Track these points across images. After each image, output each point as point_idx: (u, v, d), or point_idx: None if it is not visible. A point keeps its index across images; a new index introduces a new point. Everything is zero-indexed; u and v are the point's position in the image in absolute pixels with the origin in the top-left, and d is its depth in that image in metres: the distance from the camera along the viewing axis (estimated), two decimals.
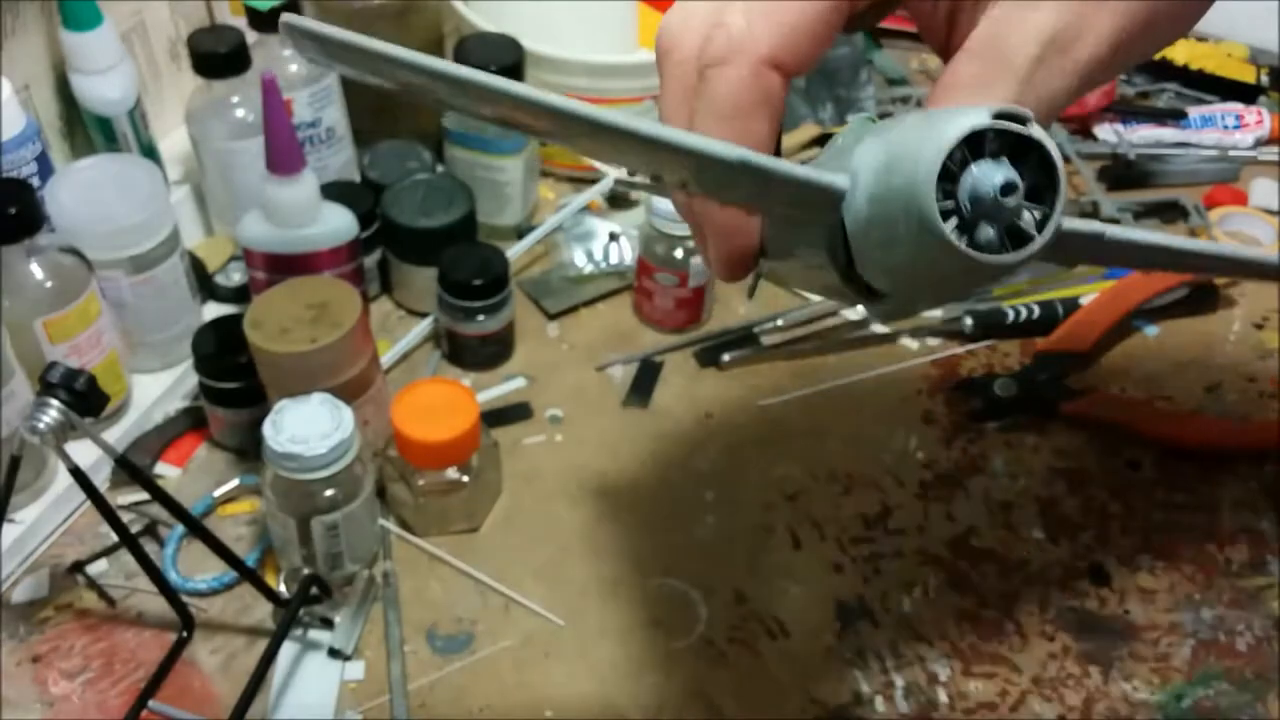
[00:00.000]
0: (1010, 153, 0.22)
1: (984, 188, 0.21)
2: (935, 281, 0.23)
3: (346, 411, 0.44)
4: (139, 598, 0.47)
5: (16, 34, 0.52)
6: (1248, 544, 0.50)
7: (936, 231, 0.21)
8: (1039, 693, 0.45)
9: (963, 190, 0.21)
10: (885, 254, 0.23)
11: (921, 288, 0.24)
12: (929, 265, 0.22)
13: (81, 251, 0.47)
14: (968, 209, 0.21)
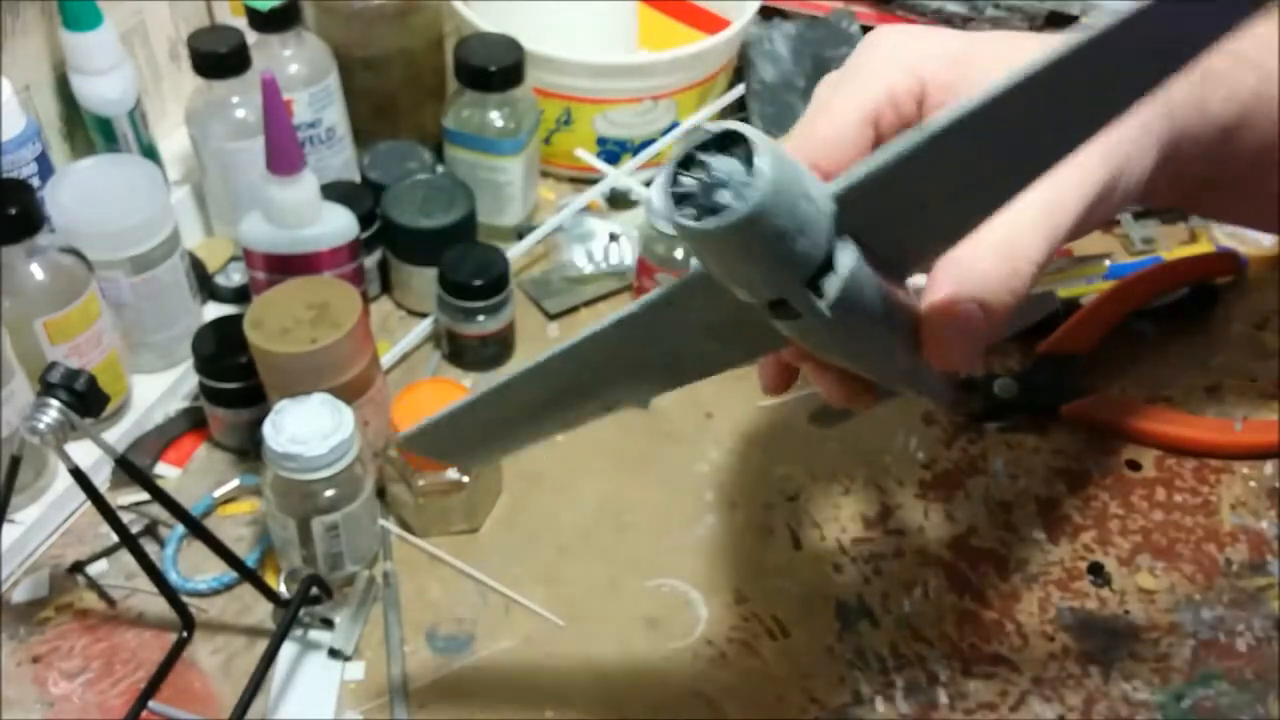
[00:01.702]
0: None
1: (680, 161, 0.23)
2: (742, 272, 0.24)
3: (347, 412, 0.44)
4: (139, 598, 0.47)
5: (17, 34, 0.52)
6: (1248, 544, 0.50)
7: (672, 221, 0.23)
8: (1039, 693, 0.45)
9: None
10: (717, 270, 0.25)
11: (748, 282, 0.25)
12: (711, 258, 0.24)
13: (82, 252, 0.47)
14: (691, 189, 0.23)
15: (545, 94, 0.63)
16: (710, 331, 0.29)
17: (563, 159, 0.67)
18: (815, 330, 0.26)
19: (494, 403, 0.33)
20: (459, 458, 0.39)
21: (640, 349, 0.30)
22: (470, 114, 0.60)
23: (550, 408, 0.33)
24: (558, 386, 0.32)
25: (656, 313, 0.29)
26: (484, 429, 0.35)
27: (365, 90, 0.62)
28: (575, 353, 0.31)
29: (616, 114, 0.65)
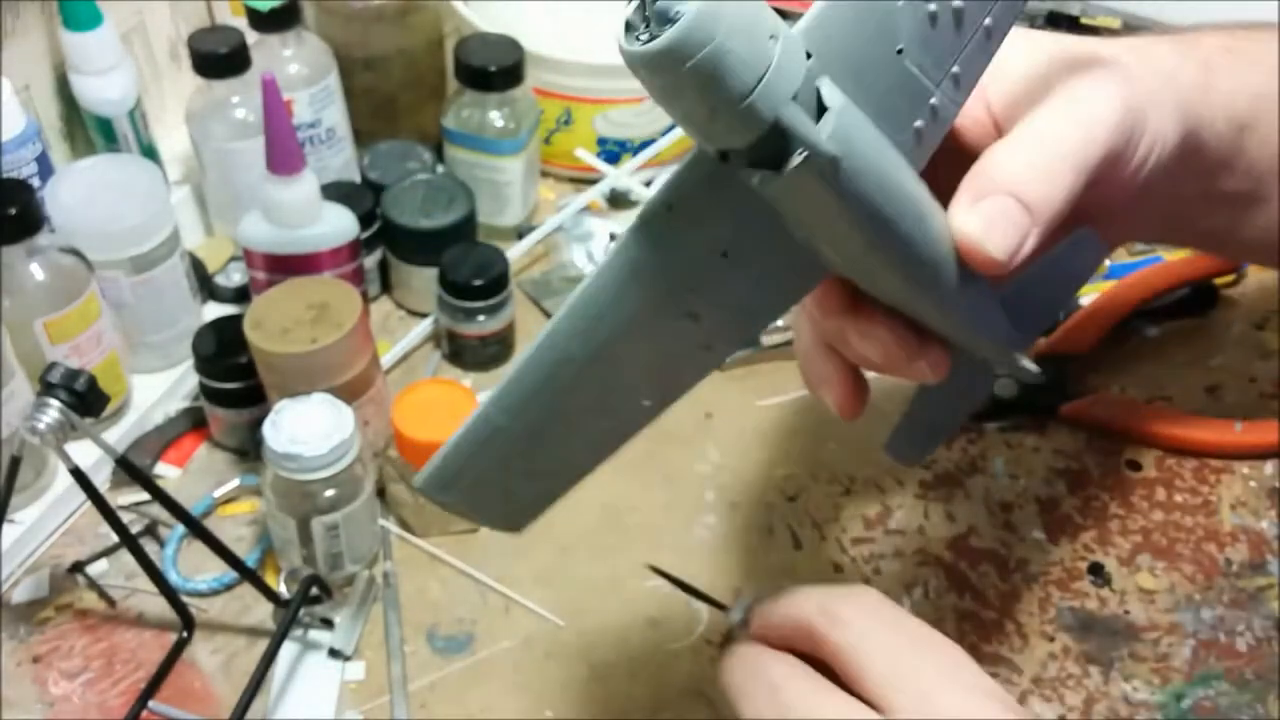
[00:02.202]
0: None
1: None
2: (688, 111, 0.24)
3: (347, 412, 0.44)
4: (139, 598, 0.47)
5: (17, 34, 0.52)
6: (1248, 544, 0.50)
7: (622, 51, 0.23)
8: (1039, 693, 0.45)
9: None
10: (690, 118, 0.24)
11: (689, 121, 0.24)
12: (658, 93, 0.24)
13: (82, 252, 0.47)
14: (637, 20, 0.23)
15: (545, 94, 0.63)
16: (727, 258, 0.27)
17: (563, 159, 0.67)
18: (826, 195, 0.24)
19: (510, 409, 0.28)
20: (491, 508, 0.32)
21: (652, 290, 0.27)
22: (470, 114, 0.60)
23: (578, 405, 0.29)
24: (576, 369, 0.28)
25: (659, 229, 0.26)
26: (510, 456, 0.30)
27: (365, 90, 0.63)
28: (582, 307, 0.27)
29: (616, 114, 0.65)
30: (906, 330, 0.30)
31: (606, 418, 0.30)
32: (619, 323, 0.27)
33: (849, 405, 0.33)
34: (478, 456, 0.29)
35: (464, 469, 0.30)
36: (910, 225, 0.27)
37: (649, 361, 0.29)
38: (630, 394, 0.29)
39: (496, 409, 0.29)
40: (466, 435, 0.29)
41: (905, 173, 0.27)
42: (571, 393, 0.28)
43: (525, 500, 0.32)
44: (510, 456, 0.30)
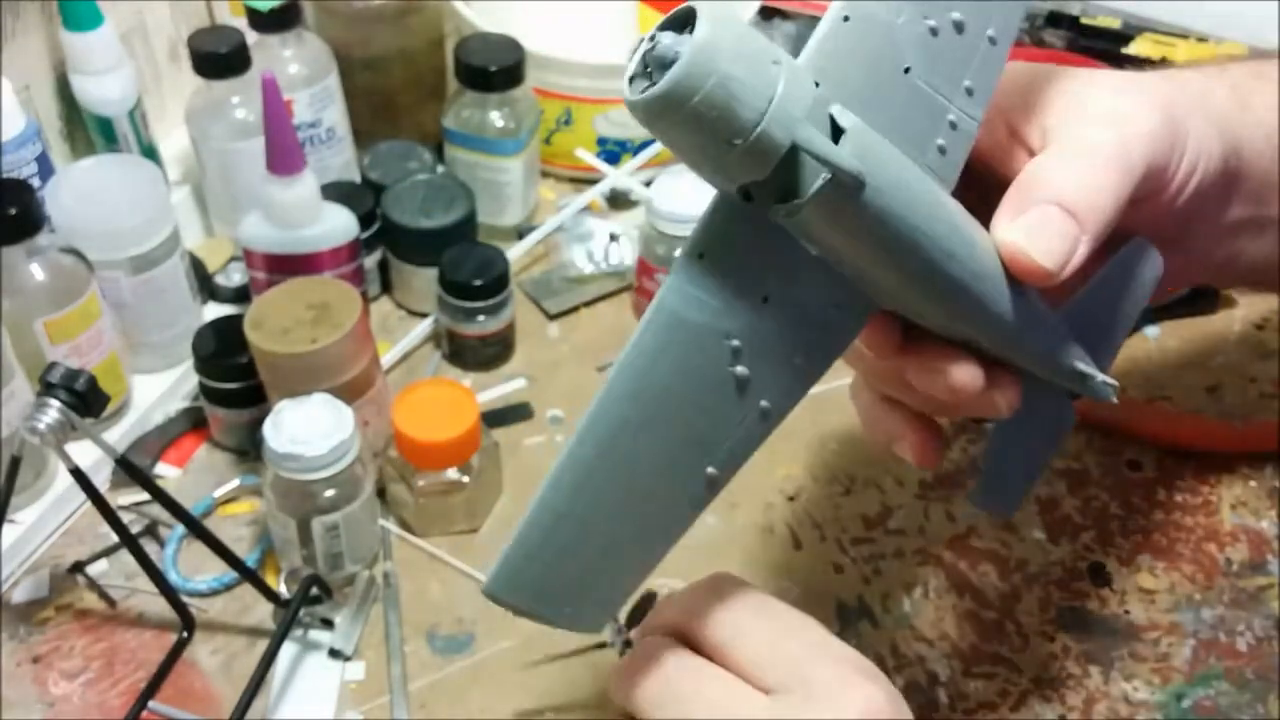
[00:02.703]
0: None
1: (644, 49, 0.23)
2: (703, 150, 0.24)
3: (347, 412, 0.44)
4: (139, 598, 0.47)
5: (17, 35, 0.52)
6: (1248, 544, 0.50)
7: (627, 102, 0.23)
8: (1039, 693, 0.45)
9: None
10: (706, 160, 0.25)
11: (706, 160, 0.25)
12: (671, 139, 0.24)
13: (82, 252, 0.47)
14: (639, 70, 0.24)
15: (545, 94, 0.63)
16: (768, 303, 0.26)
17: (563, 159, 0.67)
18: (855, 218, 0.24)
19: (569, 489, 0.27)
20: (565, 606, 0.29)
21: (694, 342, 0.26)
22: (470, 114, 0.60)
23: (638, 477, 0.27)
24: (632, 435, 0.27)
25: (694, 278, 0.26)
26: (576, 544, 0.28)
27: (365, 90, 0.63)
28: (630, 366, 0.26)
29: (617, 114, 0.65)
30: (969, 361, 0.30)
31: (670, 490, 0.28)
32: (667, 379, 0.26)
33: (927, 454, 0.33)
34: (543, 549, 0.28)
35: (530, 565, 0.28)
36: (948, 242, 0.27)
37: (704, 428, 0.28)
38: (689, 465, 0.28)
39: (555, 493, 0.27)
40: (529, 527, 0.27)
41: (934, 189, 0.27)
42: (630, 463, 0.27)
43: (600, 593, 0.30)
44: (577, 544, 0.28)
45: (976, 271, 0.28)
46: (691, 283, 0.26)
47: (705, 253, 0.26)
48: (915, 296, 0.28)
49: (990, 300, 0.29)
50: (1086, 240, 0.29)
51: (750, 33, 0.23)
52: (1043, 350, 0.32)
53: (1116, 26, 0.80)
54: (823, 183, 0.24)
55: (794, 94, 0.23)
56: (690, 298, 0.26)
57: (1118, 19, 0.80)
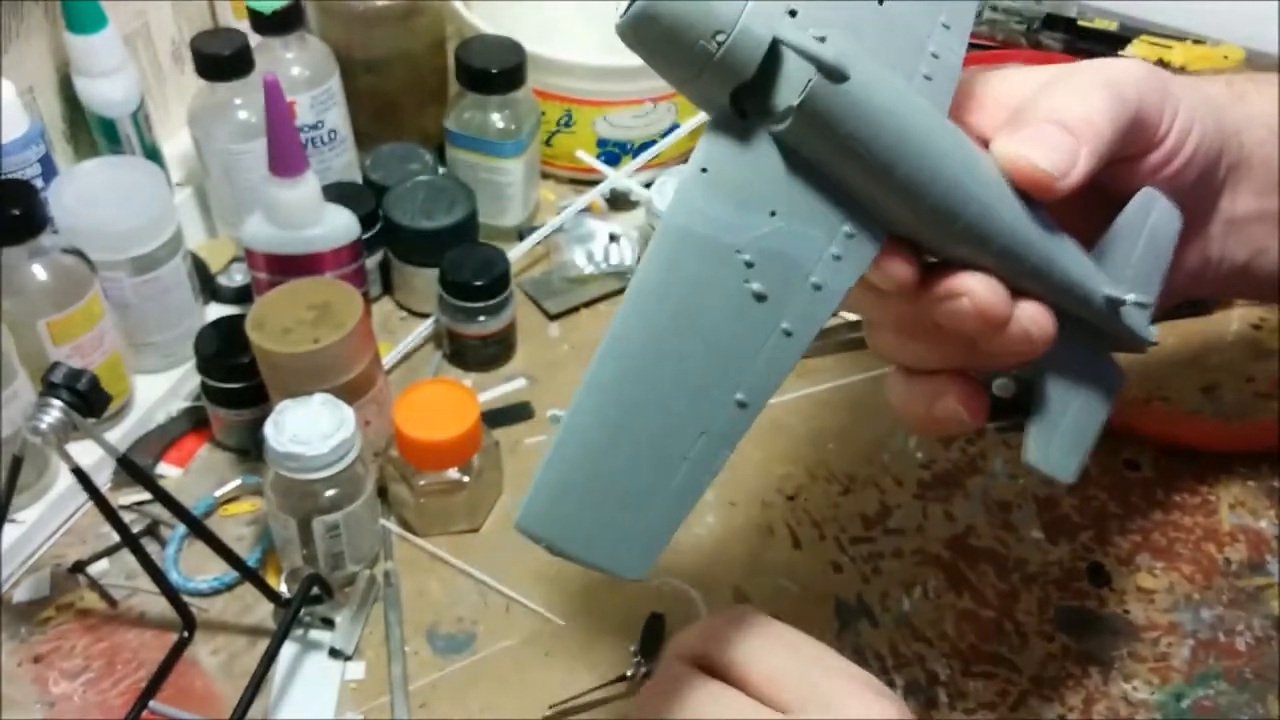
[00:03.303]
0: None
1: None
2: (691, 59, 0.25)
3: (348, 412, 0.44)
4: (140, 598, 0.47)
5: (20, 37, 0.52)
6: (1246, 544, 0.50)
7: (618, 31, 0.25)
8: (1038, 693, 0.45)
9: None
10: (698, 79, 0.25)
11: (695, 69, 0.25)
12: (659, 52, 0.25)
13: (84, 253, 0.48)
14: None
15: (546, 96, 0.64)
16: (775, 216, 0.26)
17: (563, 160, 0.67)
18: (847, 118, 0.25)
19: (592, 410, 0.25)
20: (600, 541, 0.27)
21: (705, 257, 0.26)
22: (471, 116, 0.60)
23: (660, 401, 0.26)
24: (651, 356, 0.26)
25: (700, 193, 0.25)
26: (604, 470, 0.26)
27: (367, 92, 0.63)
28: (642, 289, 0.26)
29: (617, 116, 0.65)
30: (990, 278, 0.29)
31: (698, 415, 0.27)
32: (682, 295, 0.26)
33: (974, 407, 0.32)
34: (572, 475, 0.26)
35: (561, 494, 0.26)
36: (943, 142, 0.27)
37: (726, 348, 0.27)
38: (716, 388, 0.27)
39: (578, 416, 0.26)
40: (556, 453, 0.26)
41: (923, 100, 0.27)
42: (652, 383, 0.26)
43: (638, 529, 0.27)
44: (607, 470, 0.26)
45: (980, 179, 0.28)
46: (697, 197, 0.26)
47: (708, 167, 0.26)
48: (921, 211, 0.28)
49: (999, 212, 0.28)
50: (1085, 154, 0.29)
51: None
52: (1065, 273, 0.30)
53: (1113, 29, 0.80)
54: (808, 83, 0.24)
55: (768, 9, 0.24)
56: (696, 212, 0.26)
57: (1114, 21, 0.80)
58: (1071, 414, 0.34)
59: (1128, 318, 0.33)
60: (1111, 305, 0.32)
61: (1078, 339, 0.33)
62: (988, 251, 0.29)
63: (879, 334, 0.33)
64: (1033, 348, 0.30)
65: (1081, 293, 0.31)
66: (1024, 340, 0.30)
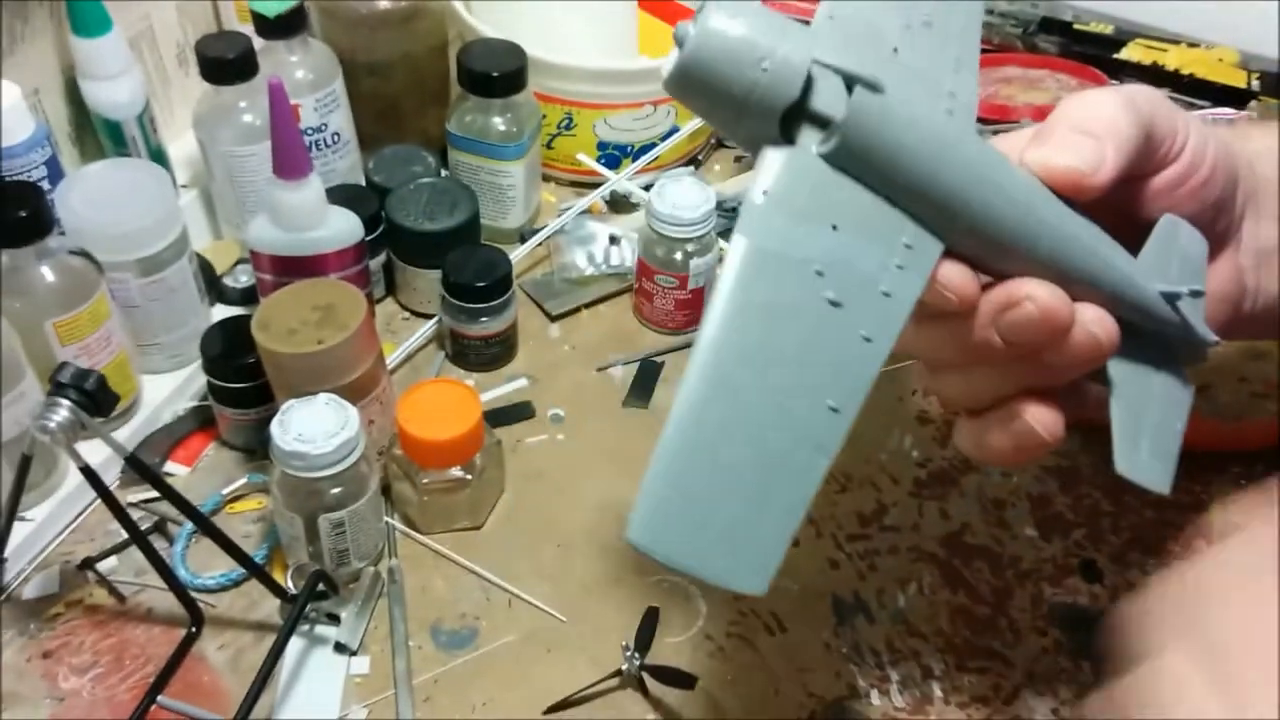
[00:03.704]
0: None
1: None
2: (727, 104, 0.28)
3: (352, 411, 0.45)
4: (148, 594, 0.47)
5: (26, 39, 0.53)
6: None
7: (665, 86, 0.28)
8: (1032, 687, 0.46)
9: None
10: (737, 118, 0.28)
11: (734, 119, 0.28)
12: (707, 90, 0.28)
13: (91, 254, 0.48)
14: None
15: (547, 99, 0.64)
16: (837, 230, 0.27)
17: (564, 163, 0.68)
18: (888, 131, 0.27)
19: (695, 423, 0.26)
20: (717, 551, 0.27)
21: (779, 275, 0.27)
22: (473, 119, 0.61)
23: (758, 414, 0.26)
24: (743, 375, 0.26)
25: (764, 216, 0.27)
26: (713, 479, 0.26)
27: (370, 95, 0.63)
28: (725, 312, 0.26)
29: (617, 119, 0.65)
30: (1051, 285, 0.29)
31: (793, 425, 0.27)
32: (763, 310, 0.27)
33: (1051, 421, 0.31)
34: (676, 486, 0.26)
35: (666, 506, 0.26)
36: (984, 155, 0.29)
37: (812, 354, 0.27)
38: (808, 395, 0.27)
39: (679, 427, 0.26)
40: (658, 467, 0.26)
41: (953, 124, 0.29)
42: (743, 392, 0.27)
43: (749, 541, 0.27)
44: (708, 482, 0.26)
45: (1019, 182, 0.29)
46: (762, 218, 0.27)
47: (768, 190, 0.28)
48: (968, 215, 0.29)
49: (1043, 212, 0.29)
50: (1112, 152, 0.30)
51: (762, 9, 0.27)
52: (1118, 272, 0.31)
53: (1109, 32, 0.80)
54: (855, 94, 0.26)
55: (804, 41, 0.27)
56: (763, 230, 0.27)
57: (1110, 25, 0.81)
58: (1150, 424, 0.34)
59: (1186, 311, 0.33)
60: (1169, 299, 0.32)
61: (1141, 350, 0.33)
62: (1039, 255, 0.30)
63: (942, 378, 0.33)
64: (1099, 352, 0.30)
65: (1136, 292, 0.32)
66: (1090, 345, 0.30)
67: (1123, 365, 0.33)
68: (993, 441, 0.32)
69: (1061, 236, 0.30)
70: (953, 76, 0.31)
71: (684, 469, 0.26)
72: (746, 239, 0.27)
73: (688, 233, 0.56)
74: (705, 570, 0.27)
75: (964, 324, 0.30)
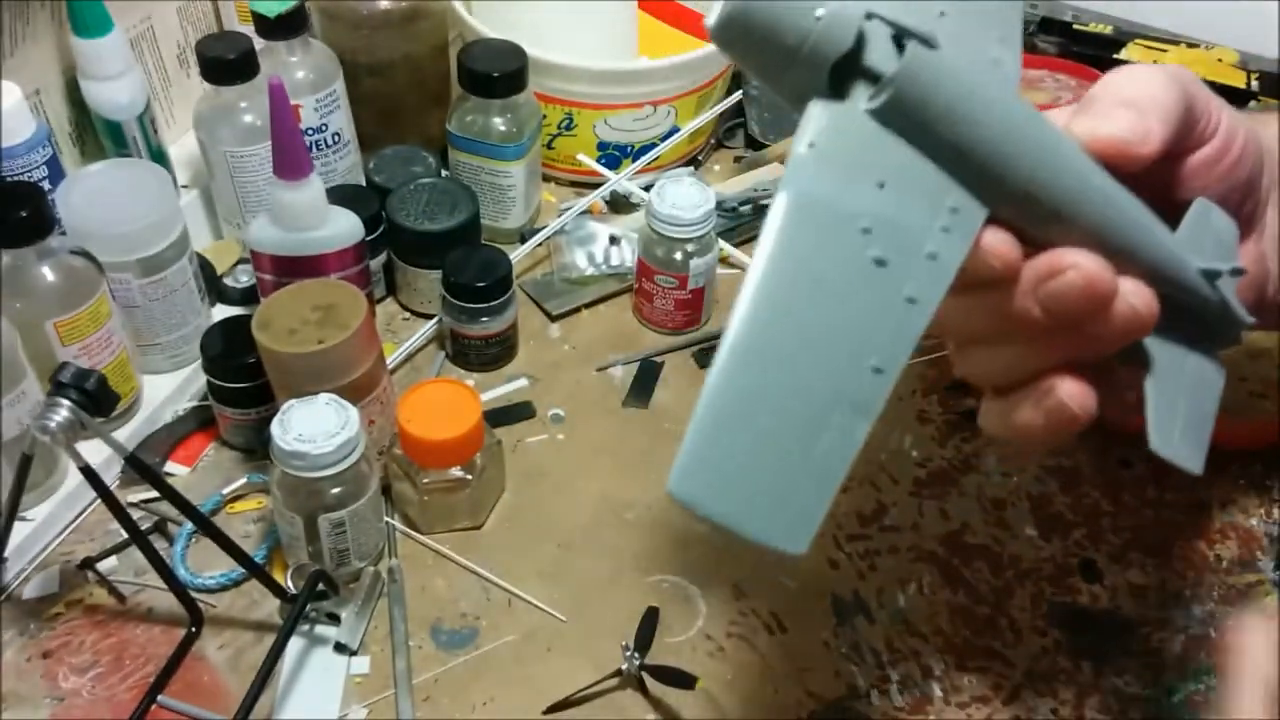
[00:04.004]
0: None
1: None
2: (766, 58, 0.27)
3: (352, 411, 0.45)
4: (148, 594, 0.47)
5: (27, 40, 0.53)
6: (1237, 541, 0.51)
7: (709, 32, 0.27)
8: (1031, 687, 0.46)
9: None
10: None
11: (783, 69, 0.27)
12: (740, 57, 0.27)
13: (92, 254, 0.48)
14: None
15: (547, 99, 0.64)
16: (884, 188, 0.27)
17: (564, 163, 0.68)
18: (938, 89, 0.27)
19: (733, 376, 0.25)
20: (759, 508, 0.26)
21: (824, 229, 0.26)
22: (474, 119, 0.61)
23: (799, 372, 0.26)
24: (784, 329, 0.26)
25: (811, 169, 0.26)
26: (754, 435, 0.26)
27: (371, 96, 0.63)
28: (767, 268, 0.26)
29: (617, 119, 0.66)
30: (1095, 254, 0.29)
31: (835, 380, 0.27)
32: (806, 261, 0.26)
33: (1085, 395, 0.30)
34: (718, 438, 0.26)
35: (707, 458, 0.25)
36: (1031, 113, 0.29)
37: (856, 312, 0.27)
38: (851, 353, 0.27)
39: (721, 377, 0.26)
40: (701, 419, 0.26)
41: (1004, 86, 0.29)
42: (787, 349, 0.26)
43: (790, 497, 0.26)
44: (750, 435, 0.26)
45: (1066, 147, 0.29)
46: (808, 170, 0.27)
47: (814, 142, 0.27)
48: (1015, 180, 0.28)
49: (1089, 179, 0.29)
50: (1157, 121, 0.30)
51: None
52: (1160, 245, 0.31)
53: (1108, 33, 0.80)
54: (909, 49, 0.26)
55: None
56: (810, 180, 0.27)
57: (1109, 25, 0.81)
58: (1184, 404, 0.34)
59: (1225, 289, 0.33)
60: (1209, 277, 0.32)
61: (1176, 329, 0.32)
62: (1085, 224, 0.29)
63: (971, 352, 0.32)
64: (1141, 325, 0.29)
65: (1178, 267, 0.31)
66: (1131, 317, 0.29)
67: (1158, 344, 0.32)
68: (1022, 418, 0.31)
69: (1108, 206, 0.30)
70: (998, 47, 0.31)
71: (726, 422, 0.26)
72: (793, 187, 0.26)
73: (687, 233, 0.56)
74: (745, 526, 0.26)
75: (1001, 293, 0.29)
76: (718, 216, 0.58)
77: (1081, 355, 0.31)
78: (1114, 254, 0.30)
